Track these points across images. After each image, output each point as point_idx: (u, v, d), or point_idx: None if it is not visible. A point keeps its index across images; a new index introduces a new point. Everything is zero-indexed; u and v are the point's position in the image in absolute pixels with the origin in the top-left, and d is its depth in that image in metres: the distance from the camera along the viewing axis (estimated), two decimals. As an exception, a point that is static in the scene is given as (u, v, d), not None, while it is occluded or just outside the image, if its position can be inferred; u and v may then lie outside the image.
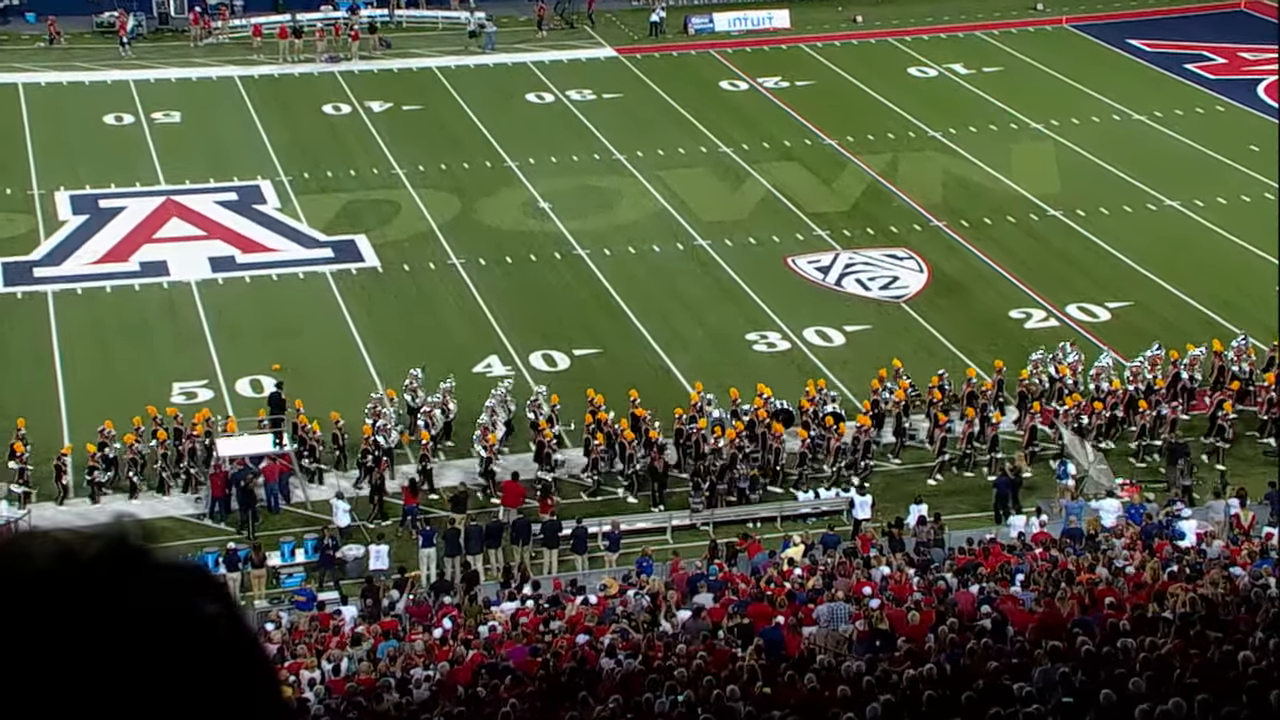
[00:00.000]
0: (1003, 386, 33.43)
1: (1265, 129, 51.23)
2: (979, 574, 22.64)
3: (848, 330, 38.02)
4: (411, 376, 33.32)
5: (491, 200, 46.34)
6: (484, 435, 31.07)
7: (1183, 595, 18.82)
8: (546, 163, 49.04)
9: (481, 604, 25.34)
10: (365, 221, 44.59)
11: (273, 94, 54.62)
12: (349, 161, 48.98)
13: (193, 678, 1.57)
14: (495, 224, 44.71)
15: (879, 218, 45.20)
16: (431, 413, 31.84)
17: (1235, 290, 39.74)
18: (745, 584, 23.91)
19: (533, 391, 32.91)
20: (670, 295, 40.32)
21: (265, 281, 40.83)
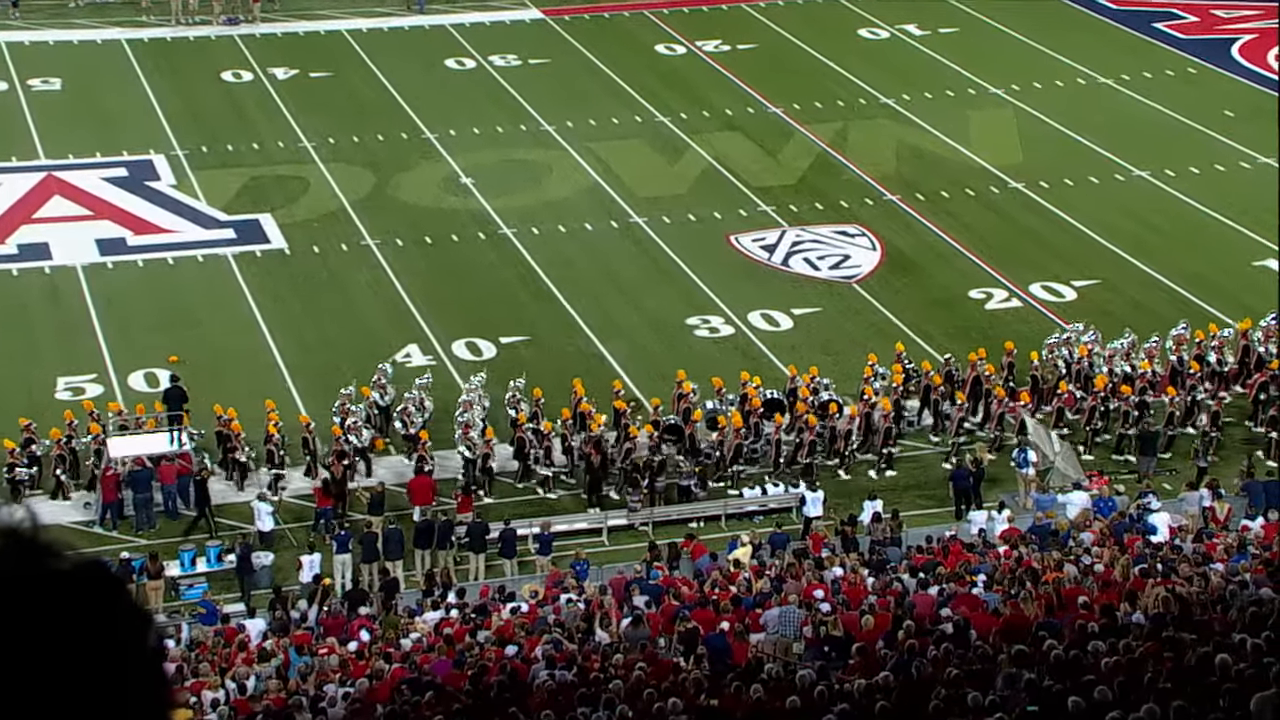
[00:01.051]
0: (1012, 369, 33.52)
1: (1240, 93, 52.02)
2: (938, 574, 22.80)
3: (795, 313, 38.16)
4: (380, 372, 33.16)
5: (409, 175, 46.05)
6: (465, 433, 31.05)
7: (1155, 594, 19.05)
8: (468, 134, 48.78)
9: (402, 614, 25.21)
10: (270, 199, 44.19)
11: (165, 59, 53.91)
12: (251, 134, 48.50)
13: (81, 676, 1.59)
14: (413, 201, 44.48)
15: (828, 191, 45.38)
16: (407, 409, 31.75)
17: (1210, 266, 40.30)
18: (688, 588, 23.95)
19: (509, 385, 32.90)
20: (604, 277, 40.28)
21: (160, 266, 40.33)
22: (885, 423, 31.70)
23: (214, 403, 32.08)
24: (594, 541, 29.67)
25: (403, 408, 31.81)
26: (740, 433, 31.23)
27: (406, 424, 31.53)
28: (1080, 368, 33.83)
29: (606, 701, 16.56)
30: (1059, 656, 15.17)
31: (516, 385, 32.70)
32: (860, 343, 36.68)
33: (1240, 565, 20.67)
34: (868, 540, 27.80)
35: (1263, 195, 44.26)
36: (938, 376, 33.03)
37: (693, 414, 31.73)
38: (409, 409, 31.70)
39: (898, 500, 30.36)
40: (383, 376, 32.91)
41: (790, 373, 33.34)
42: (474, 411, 31.58)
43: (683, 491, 30.69)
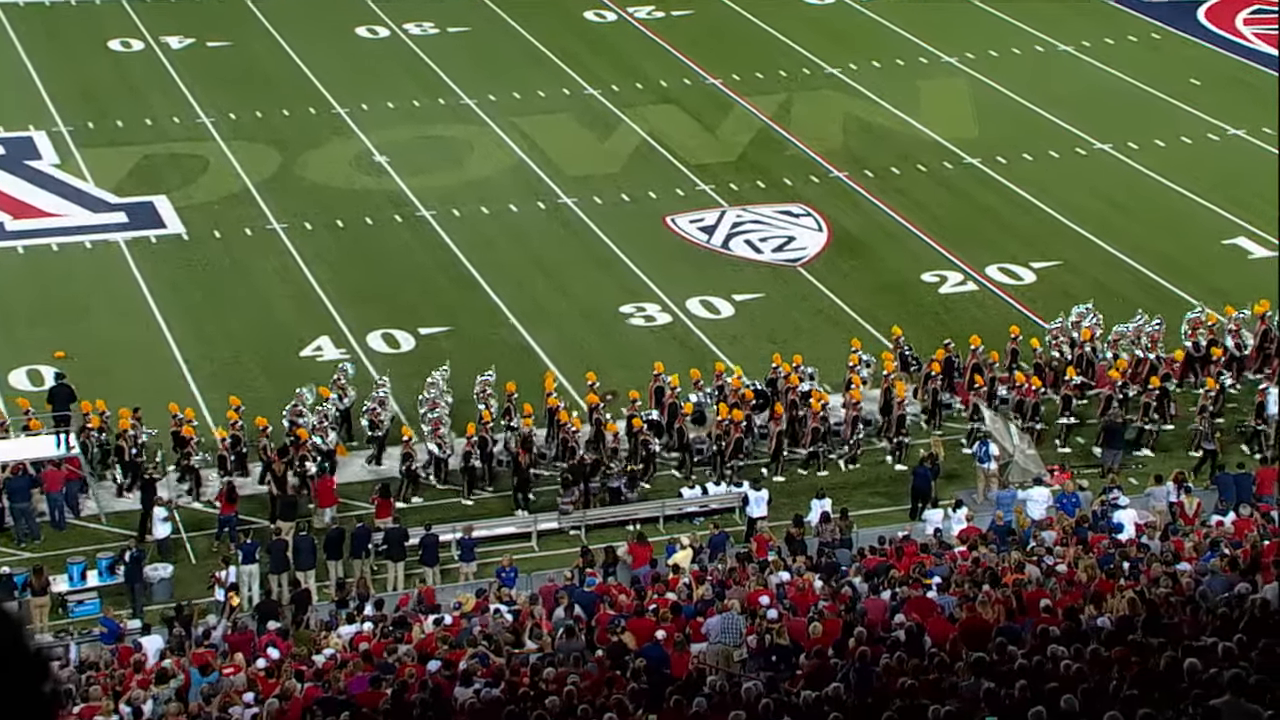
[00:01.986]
0: (1015, 356, 33.70)
1: (1207, 59, 52.74)
2: (891, 577, 22.94)
3: (737, 299, 38.28)
4: (340, 371, 32.98)
5: (318, 154, 45.78)
6: (435, 430, 30.99)
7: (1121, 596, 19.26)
8: (382, 109, 48.52)
9: (315, 628, 25.05)
10: (166, 180, 43.77)
11: (45, 26, 53.20)
12: (143, 108, 48.00)
13: None
14: (323, 181, 44.23)
15: (770, 169, 45.53)
16: (375, 409, 31.63)
17: (1178, 245, 40.83)
18: (625, 596, 23.98)
19: (476, 380, 32.82)
20: (531, 262, 40.21)
21: (43, 252, 39.82)
22: (853, 413, 31.87)
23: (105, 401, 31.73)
24: (523, 547, 29.63)
25: (370, 408, 31.74)
26: (740, 426, 31.41)
27: (375, 424, 31.47)
28: (1083, 353, 34.09)
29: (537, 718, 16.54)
30: (1020, 664, 15.31)
31: (486, 379, 32.68)
32: (807, 330, 36.85)
33: (1210, 564, 20.94)
34: (816, 542, 27.92)
35: (1231, 169, 44.93)
36: (936, 364, 33.22)
37: (683, 408, 31.82)
38: (376, 408, 31.64)
39: (847, 499, 30.54)
40: (342, 377, 32.77)
41: (774, 362, 33.49)
42: (441, 408, 31.63)
43: (613, 493, 30.69)
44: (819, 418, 31.80)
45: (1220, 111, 48.32)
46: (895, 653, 17.04)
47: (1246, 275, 39.05)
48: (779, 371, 33.08)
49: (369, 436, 31.69)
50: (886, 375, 32.91)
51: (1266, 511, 25.62)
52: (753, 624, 20.82)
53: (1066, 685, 14.42)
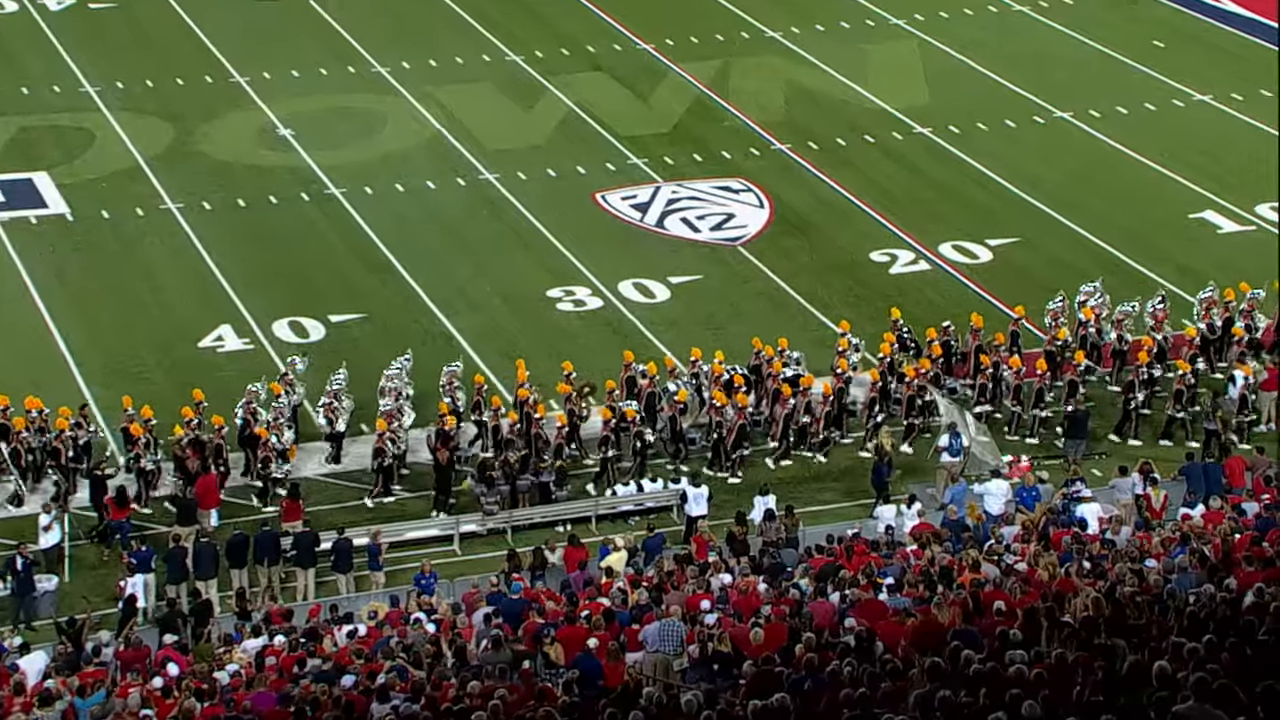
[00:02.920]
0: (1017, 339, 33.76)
1: (1171, 19, 53.28)
2: (840, 578, 23.05)
3: (673, 282, 38.31)
4: (288, 365, 32.71)
5: (216, 126, 45.42)
6: (390, 422, 30.94)
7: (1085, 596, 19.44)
8: (286, 78, 48.17)
9: (217, 642, 24.88)
10: (46, 155, 43.31)
11: (-85, -11, 52.51)
12: (18, 75, 47.46)
13: None
14: (222, 157, 43.89)
15: (708, 140, 45.56)
16: (330, 404, 31.48)
17: (1142, 220, 41.23)
18: (554, 602, 23.97)
19: (442, 370, 32.67)
20: (450, 243, 40.06)
21: (-86, 237, 39.35)
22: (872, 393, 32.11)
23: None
24: (444, 551, 29.55)
25: (326, 402, 31.60)
26: (744, 412, 31.52)
27: (332, 421, 31.41)
28: (1087, 334, 34.26)
29: (460, 738, 16.48)
30: (977, 669, 15.41)
31: (453, 370, 32.54)
32: (748, 314, 36.94)
33: (1179, 560, 21.17)
34: (759, 541, 28.01)
35: (1197, 138, 45.42)
36: (937, 347, 33.38)
37: (676, 395, 31.91)
38: (333, 403, 31.52)
39: (793, 495, 30.65)
40: (290, 372, 32.60)
41: (756, 346, 33.55)
42: (398, 400, 31.57)
43: (542, 491, 30.66)
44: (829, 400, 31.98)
45: (1186, 75, 48.84)
46: (845, 659, 17.11)
47: (1216, 251, 39.51)
48: (762, 356, 33.19)
49: (326, 434, 31.54)
50: (882, 359, 33.01)
51: (1237, 504, 25.93)
52: (692, 631, 20.84)
53: (1027, 691, 14.53)
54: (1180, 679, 13.64)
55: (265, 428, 30.77)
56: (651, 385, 32.47)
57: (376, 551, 28.42)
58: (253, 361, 34.54)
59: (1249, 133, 45.67)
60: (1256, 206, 41.48)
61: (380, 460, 30.68)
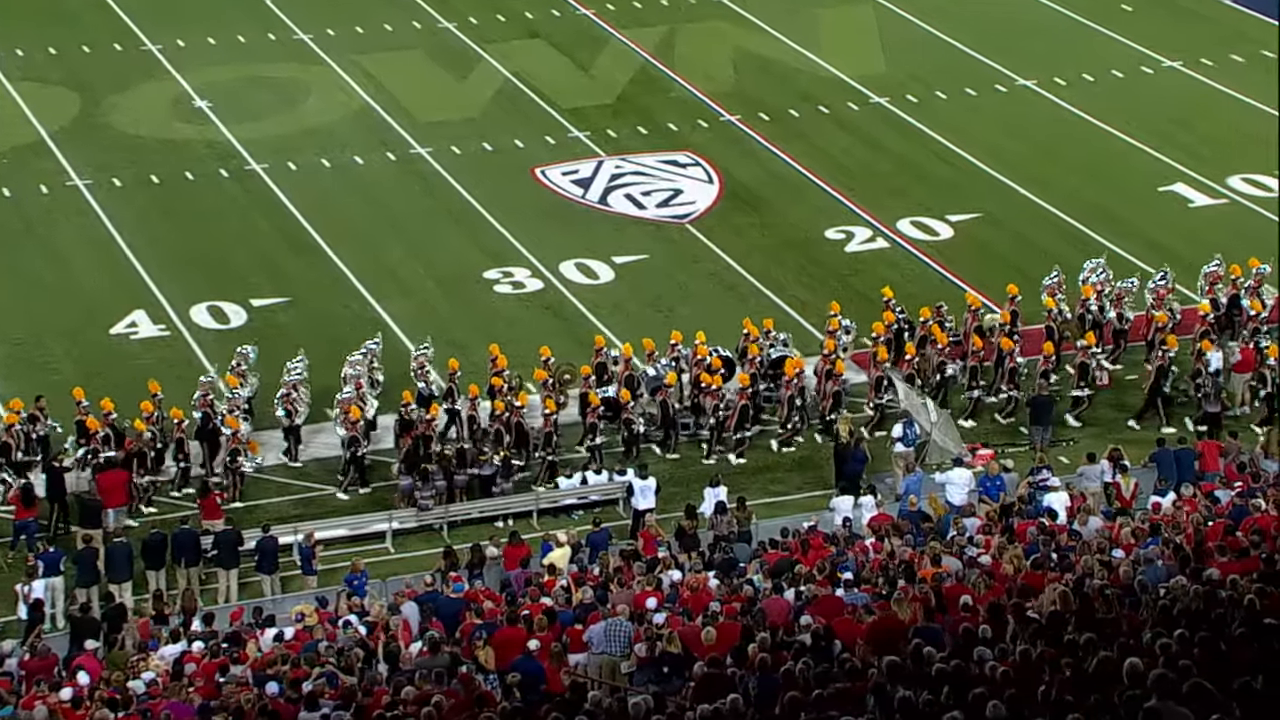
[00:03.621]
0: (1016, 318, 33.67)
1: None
2: (796, 574, 23.14)
3: (618, 262, 38.31)
4: (239, 356, 32.51)
5: (126, 97, 45.14)
6: (346, 412, 30.82)
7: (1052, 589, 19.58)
8: (202, 45, 47.86)
9: (132, 649, 24.72)
10: (-55, 129, 43.00)
11: None
12: (-87, 45, 47.07)
13: None
14: (132, 130, 43.64)
15: (653, 112, 45.54)
16: (289, 395, 31.35)
17: (1110, 193, 41.48)
18: (493, 602, 23.96)
19: (413, 353, 32.54)
20: (380, 222, 39.93)
21: None
22: (834, 385, 32.18)
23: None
24: (377, 549, 29.48)
25: (284, 393, 31.48)
26: (746, 392, 31.62)
27: (291, 414, 31.31)
28: (1084, 311, 34.37)
29: (394, 747, 16.46)
30: (940, 668, 15.50)
31: (424, 351, 32.40)
32: (697, 296, 36.98)
33: (1150, 551, 21.36)
34: (710, 536, 28.05)
35: (1167, 106, 45.75)
36: (936, 327, 33.47)
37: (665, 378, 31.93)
38: (292, 394, 31.43)
39: (745, 486, 30.73)
40: (243, 362, 32.43)
41: (744, 327, 33.57)
42: (365, 388, 31.54)
43: (484, 484, 30.64)
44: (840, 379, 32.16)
45: (1154, 41, 49.16)
46: (801, 659, 17.18)
47: (1187, 225, 39.82)
48: (750, 338, 33.27)
49: (284, 427, 31.41)
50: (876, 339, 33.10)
51: (1210, 491, 26.17)
52: (640, 630, 20.88)
53: (992, 690, 14.64)
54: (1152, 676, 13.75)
55: (236, 419, 30.68)
56: (628, 369, 32.49)
57: (309, 555, 28.29)
58: (169, 350, 34.34)
59: (1221, 100, 46.05)
60: (1229, 178, 41.82)
61: (355, 450, 30.59)
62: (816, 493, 30.81)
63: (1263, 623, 16.07)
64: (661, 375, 32.38)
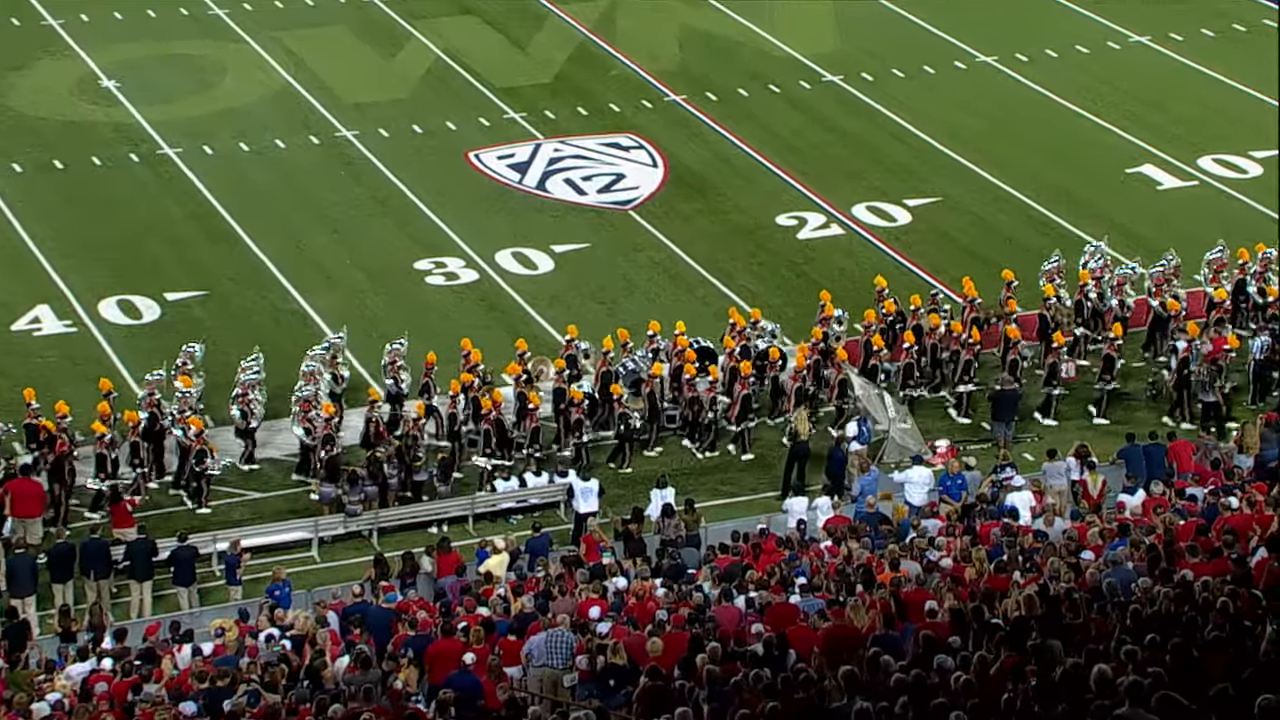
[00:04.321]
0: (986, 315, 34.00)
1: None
2: (748, 580, 23.20)
3: (557, 251, 38.29)
4: (185, 354, 32.31)
5: (26, 77, 44.84)
6: (304, 411, 30.80)
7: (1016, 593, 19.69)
8: (108, 20, 47.55)
9: (36, 668, 24.54)
10: None
11: None
12: None
13: None
14: (33, 112, 43.33)
15: (594, 92, 45.51)
16: (244, 395, 31.23)
17: (1075, 175, 41.73)
18: (427, 613, 23.92)
19: (386, 348, 32.39)
20: (303, 209, 39.80)
21: None
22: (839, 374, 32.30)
23: None
24: (301, 557, 29.38)
25: (238, 394, 31.32)
26: (748, 381, 31.75)
27: (247, 414, 31.17)
28: (1083, 298, 34.48)
29: (321, 768, 16.41)
30: (899, 678, 15.58)
31: (397, 347, 32.35)
32: (642, 287, 37.01)
33: (1119, 553, 21.52)
34: (657, 540, 28.09)
35: (1135, 84, 46.05)
36: (935, 316, 33.64)
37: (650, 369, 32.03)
38: (249, 394, 31.29)
39: (693, 487, 30.77)
40: (189, 360, 32.28)
41: (731, 318, 33.57)
42: (320, 383, 31.50)
43: (415, 489, 30.58)
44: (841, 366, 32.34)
45: (1121, 15, 49.48)
46: (753, 669, 17.23)
47: (1156, 209, 40.08)
48: (735, 329, 33.31)
49: (239, 429, 31.26)
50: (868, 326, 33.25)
51: (1182, 489, 26.36)
52: (583, 641, 20.88)
53: (953, 700, 14.73)
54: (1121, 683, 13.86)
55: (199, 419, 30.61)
56: (606, 364, 32.51)
57: (235, 564, 28.14)
58: (76, 347, 34.11)
59: (1191, 77, 46.41)
60: (1199, 159, 42.13)
61: (330, 449, 30.54)
62: (769, 494, 30.89)
63: (1237, 627, 16.23)
64: (640, 368, 32.41)
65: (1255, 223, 38.56)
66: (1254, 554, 20.44)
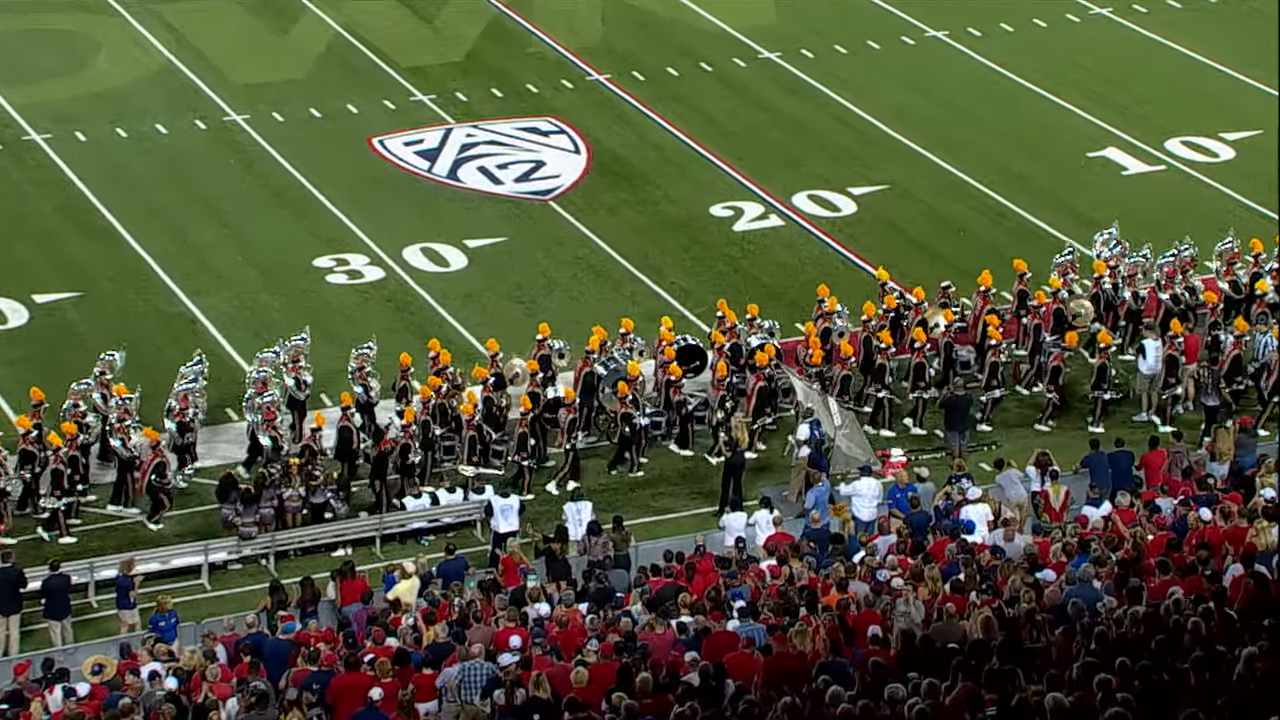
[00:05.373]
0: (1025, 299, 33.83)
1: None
2: (682, 603, 23.23)
3: (470, 246, 38.25)
4: (103, 363, 32.06)
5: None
6: (269, 419, 30.85)
7: (973, 615, 19.81)
8: (-30, -6, 47.27)
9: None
10: None
11: None
12: None
13: None
14: (-120, 95, 43.12)
15: (509, 71, 45.48)
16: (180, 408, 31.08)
17: (1033, 160, 42.03)
18: (329, 644, 23.85)
19: (353, 353, 32.33)
20: (189, 202, 39.62)
21: None
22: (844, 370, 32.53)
23: None
24: (189, 585, 29.23)
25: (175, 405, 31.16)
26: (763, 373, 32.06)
27: (185, 427, 31.07)
28: (1097, 290, 34.63)
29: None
30: (846, 708, 15.64)
31: (365, 351, 32.33)
32: (563, 286, 37.01)
33: (1083, 570, 21.68)
34: (583, 561, 28.10)
35: (1097, 60, 46.39)
36: (949, 312, 33.75)
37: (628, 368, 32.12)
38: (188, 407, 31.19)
39: (622, 503, 30.81)
40: (108, 371, 32.04)
41: (721, 310, 33.57)
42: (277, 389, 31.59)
43: (315, 509, 30.49)
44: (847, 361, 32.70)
45: None
46: (687, 701, 17.27)
47: (1120, 195, 40.34)
48: (723, 323, 33.37)
49: (177, 444, 31.10)
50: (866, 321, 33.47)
51: (1150, 500, 26.58)
52: (502, 672, 20.88)
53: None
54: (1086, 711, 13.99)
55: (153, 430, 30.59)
56: (588, 364, 32.55)
57: (128, 586, 27.95)
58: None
59: (1156, 53, 46.79)
60: (1166, 142, 42.48)
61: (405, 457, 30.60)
62: (705, 509, 30.96)
63: (1211, 650, 16.40)
64: (622, 368, 32.43)
65: (1227, 210, 38.95)
66: (1229, 570, 20.67)
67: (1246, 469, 28.20)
